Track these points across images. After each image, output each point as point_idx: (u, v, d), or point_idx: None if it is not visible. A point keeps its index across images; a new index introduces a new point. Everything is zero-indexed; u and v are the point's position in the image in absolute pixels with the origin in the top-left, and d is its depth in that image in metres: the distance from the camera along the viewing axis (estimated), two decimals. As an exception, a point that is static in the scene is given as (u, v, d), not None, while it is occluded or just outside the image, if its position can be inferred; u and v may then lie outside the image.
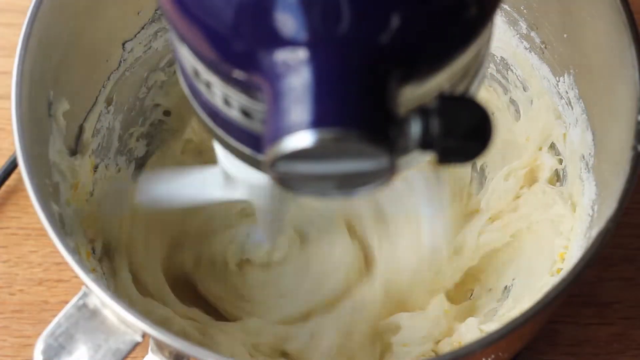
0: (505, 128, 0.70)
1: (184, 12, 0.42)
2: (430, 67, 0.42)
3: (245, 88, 0.43)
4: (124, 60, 0.68)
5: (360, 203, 0.71)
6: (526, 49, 0.68)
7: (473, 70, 0.46)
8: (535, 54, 0.67)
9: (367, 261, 0.71)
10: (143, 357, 0.56)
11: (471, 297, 0.69)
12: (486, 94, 0.71)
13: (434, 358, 0.52)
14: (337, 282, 0.69)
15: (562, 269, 0.63)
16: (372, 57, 0.40)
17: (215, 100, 0.45)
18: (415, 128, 0.41)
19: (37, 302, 0.70)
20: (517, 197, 0.69)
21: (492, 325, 0.63)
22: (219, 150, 0.53)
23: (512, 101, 0.71)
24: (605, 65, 0.61)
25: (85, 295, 0.54)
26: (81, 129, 0.66)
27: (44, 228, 0.55)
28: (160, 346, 0.55)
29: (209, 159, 0.58)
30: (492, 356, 0.56)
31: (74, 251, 0.56)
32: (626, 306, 0.69)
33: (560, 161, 0.67)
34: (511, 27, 0.68)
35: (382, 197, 0.71)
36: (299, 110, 0.40)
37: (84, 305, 0.54)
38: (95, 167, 0.67)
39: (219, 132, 0.47)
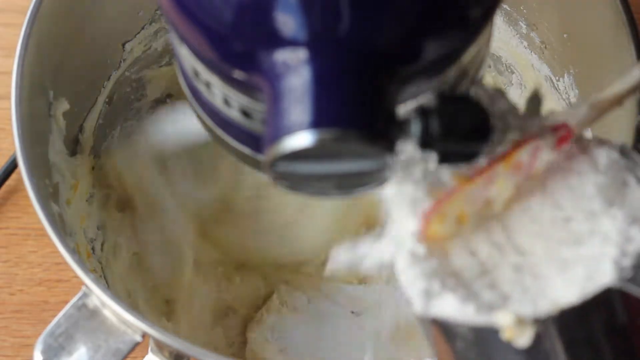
0: None
1: (183, 12, 0.42)
2: (430, 68, 0.42)
3: (245, 88, 0.43)
4: (124, 60, 0.68)
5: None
6: (526, 48, 0.68)
7: (473, 70, 0.46)
8: (535, 54, 0.67)
9: None
10: (143, 357, 0.56)
11: None
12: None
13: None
14: None
15: None
16: (371, 57, 0.40)
17: (215, 100, 0.45)
18: (415, 128, 0.41)
19: (37, 302, 0.70)
20: None
21: None
22: None
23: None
24: (605, 65, 0.61)
25: (85, 295, 0.54)
26: (81, 129, 0.66)
27: (44, 228, 0.55)
28: (160, 346, 0.55)
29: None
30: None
31: (74, 251, 0.56)
32: (626, 306, 0.69)
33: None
34: (511, 27, 0.68)
35: None
36: (299, 111, 0.40)
37: (84, 306, 0.54)
38: (94, 167, 0.67)
39: (219, 132, 0.47)
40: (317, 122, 0.40)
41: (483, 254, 0.43)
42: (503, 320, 0.40)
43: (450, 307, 0.41)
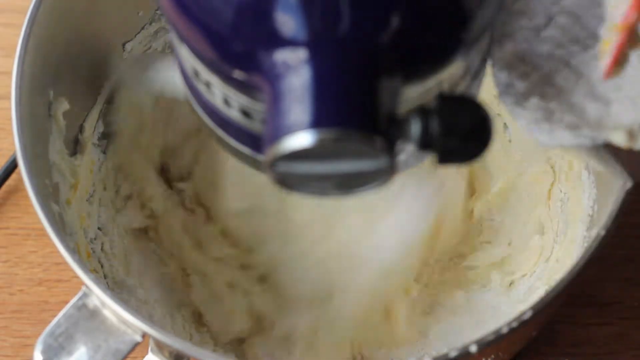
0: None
1: (184, 13, 0.42)
2: (430, 68, 0.42)
3: (245, 88, 0.43)
4: (124, 60, 0.68)
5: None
6: (526, 49, 0.68)
7: (473, 71, 0.46)
8: (535, 54, 0.67)
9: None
10: (143, 357, 0.56)
11: None
12: None
13: (433, 358, 0.52)
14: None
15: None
16: (371, 57, 0.40)
17: (215, 100, 0.45)
18: (415, 128, 0.41)
19: (37, 302, 0.70)
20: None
21: None
22: None
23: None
24: (605, 65, 0.61)
25: (85, 295, 0.54)
26: (81, 129, 0.66)
27: (44, 228, 0.55)
28: (160, 346, 0.55)
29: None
30: (492, 356, 0.56)
31: (74, 251, 0.56)
32: (626, 306, 0.69)
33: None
34: (511, 27, 0.68)
35: None
36: (299, 111, 0.40)
37: (84, 306, 0.54)
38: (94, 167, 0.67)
39: (219, 132, 0.47)
40: (317, 122, 0.40)
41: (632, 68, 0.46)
42: (617, 139, 0.45)
43: (567, 139, 0.46)
